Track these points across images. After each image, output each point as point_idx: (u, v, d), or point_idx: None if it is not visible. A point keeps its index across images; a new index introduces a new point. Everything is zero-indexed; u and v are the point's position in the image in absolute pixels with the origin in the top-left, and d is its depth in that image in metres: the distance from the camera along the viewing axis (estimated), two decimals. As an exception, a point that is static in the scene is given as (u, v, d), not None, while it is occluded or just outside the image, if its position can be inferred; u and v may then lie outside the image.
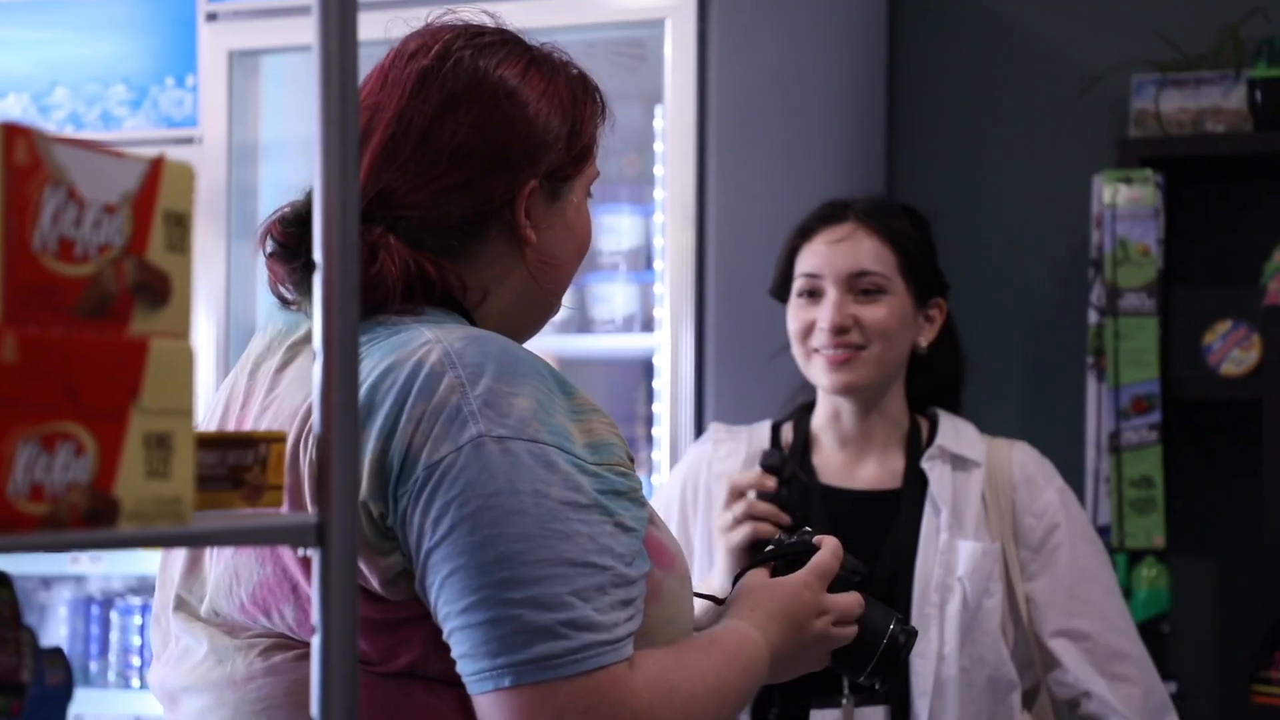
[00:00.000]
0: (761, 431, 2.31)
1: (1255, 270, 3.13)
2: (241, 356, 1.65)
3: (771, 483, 2.04)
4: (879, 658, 1.69)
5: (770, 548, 1.73)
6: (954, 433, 2.24)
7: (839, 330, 2.17)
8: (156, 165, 0.98)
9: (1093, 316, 3.12)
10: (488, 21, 1.59)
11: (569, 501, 1.37)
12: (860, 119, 3.43)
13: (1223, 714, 3.23)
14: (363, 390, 1.38)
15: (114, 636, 3.49)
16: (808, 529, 1.76)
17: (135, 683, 3.46)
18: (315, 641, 1.10)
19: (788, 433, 2.30)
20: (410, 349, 1.40)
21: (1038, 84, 3.45)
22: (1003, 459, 2.22)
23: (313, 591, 1.10)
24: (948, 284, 2.31)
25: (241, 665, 1.48)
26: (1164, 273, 3.09)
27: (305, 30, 1.10)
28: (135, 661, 3.46)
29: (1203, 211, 3.29)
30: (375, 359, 1.41)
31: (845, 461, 2.25)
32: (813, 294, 2.21)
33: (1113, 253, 3.05)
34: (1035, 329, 3.44)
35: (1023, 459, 2.24)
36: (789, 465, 2.06)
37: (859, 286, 2.19)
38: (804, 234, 2.25)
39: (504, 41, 1.57)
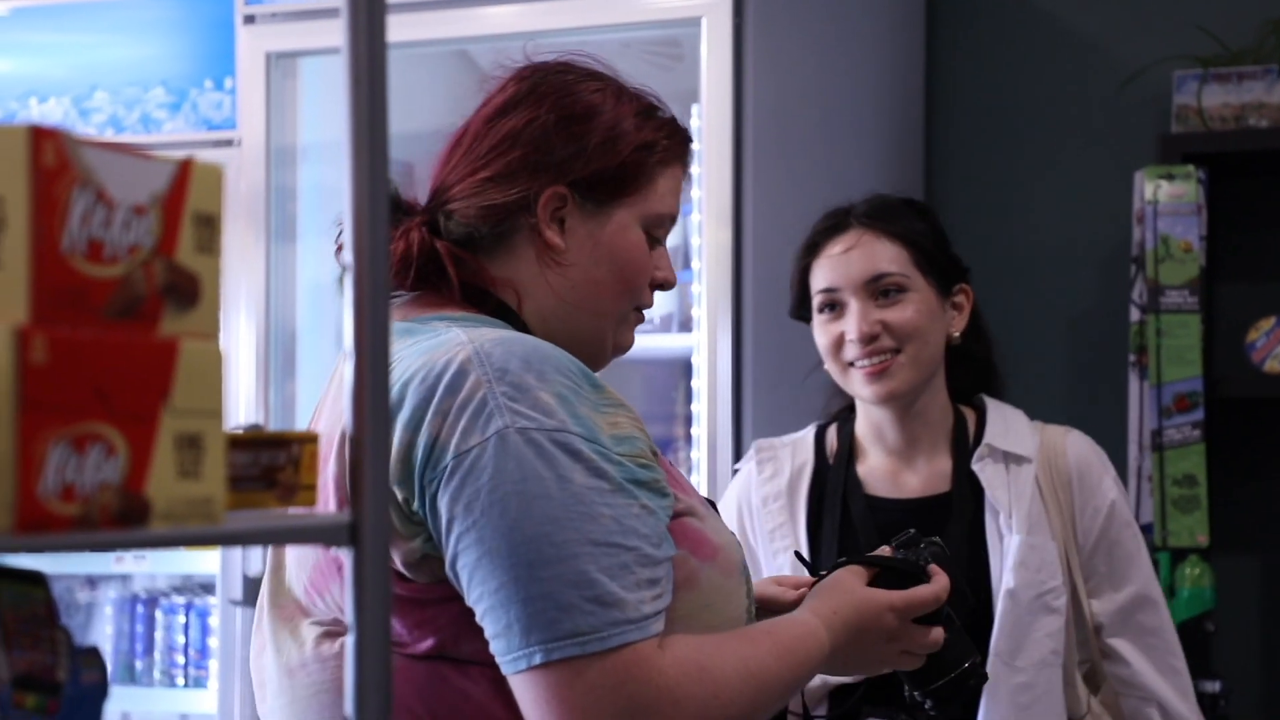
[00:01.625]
0: (805, 443, 2.26)
1: (1299, 266, 3.11)
2: None
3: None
4: (944, 684, 1.72)
5: (885, 551, 1.74)
6: (1003, 425, 2.19)
7: (868, 339, 2.13)
8: (185, 166, 0.98)
9: (1134, 314, 3.10)
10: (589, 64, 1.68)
11: (593, 486, 1.43)
12: (899, 116, 3.42)
13: (1267, 712, 3.20)
14: (394, 388, 1.45)
15: (159, 635, 3.51)
16: (936, 539, 1.76)
17: (180, 681, 3.48)
18: (349, 640, 1.10)
19: (832, 438, 2.26)
20: (442, 350, 1.47)
21: (1078, 80, 3.43)
22: (1057, 450, 2.17)
23: (346, 590, 1.11)
24: (967, 268, 2.25)
25: (295, 655, 1.56)
26: (1206, 269, 3.07)
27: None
28: (180, 660, 3.49)
29: (1246, 207, 3.26)
30: (409, 359, 1.49)
31: (891, 470, 2.21)
32: (834, 307, 2.17)
33: (1155, 249, 3.03)
34: (1077, 327, 3.42)
35: (1078, 449, 2.19)
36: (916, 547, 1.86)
37: (878, 290, 2.14)
38: (811, 250, 2.20)
39: (589, 72, 1.66)
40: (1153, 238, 3.04)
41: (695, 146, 2.90)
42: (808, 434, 2.28)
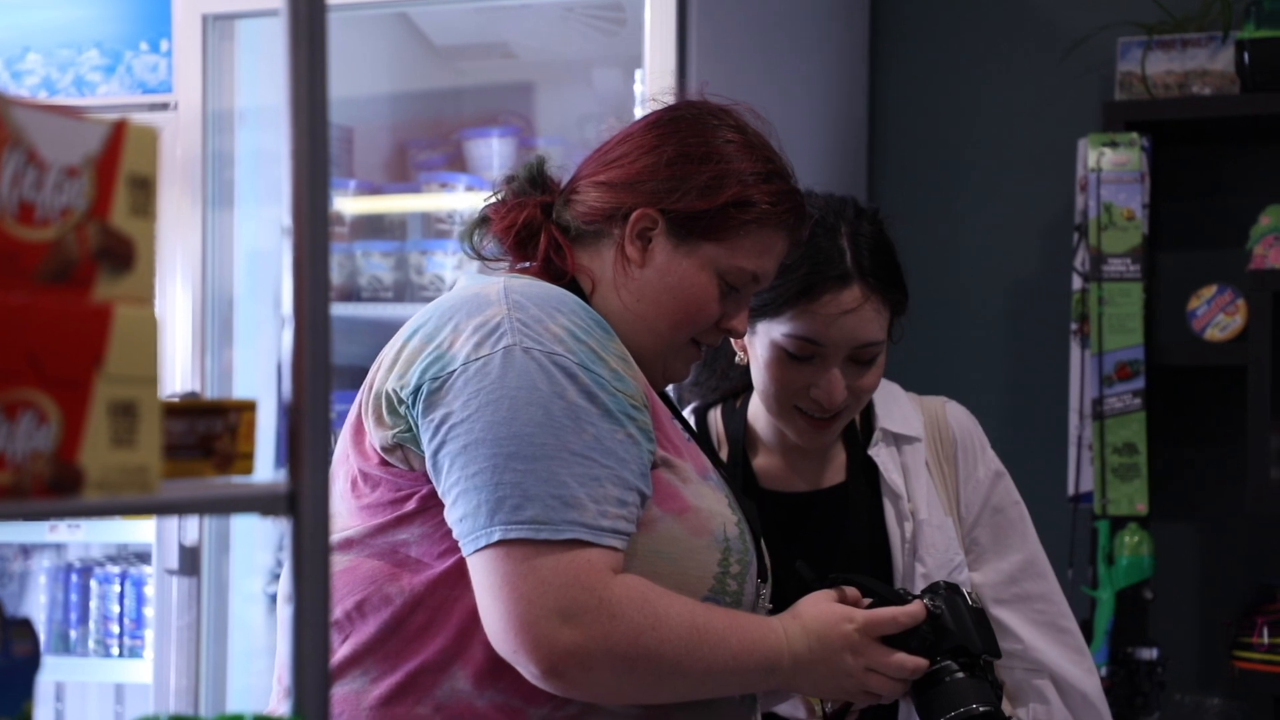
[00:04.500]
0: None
1: (1241, 234, 3.12)
2: None
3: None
4: None
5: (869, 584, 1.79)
6: (888, 405, 2.11)
7: (839, 404, 2.00)
8: (119, 128, 0.96)
9: (1077, 282, 3.11)
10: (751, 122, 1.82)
11: (583, 406, 1.59)
12: (843, 81, 3.41)
13: (1204, 679, 3.23)
14: (428, 308, 1.69)
15: (94, 604, 3.47)
16: (966, 592, 1.82)
17: (115, 650, 3.44)
18: (287, 611, 1.08)
19: (716, 424, 2.14)
20: (479, 286, 1.68)
21: (1023, 47, 3.42)
22: (940, 422, 2.11)
23: (285, 560, 1.09)
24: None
25: None
26: (1149, 238, 3.08)
27: (279, -8, 1.08)
28: (115, 629, 3.45)
29: (1188, 175, 3.28)
30: (455, 292, 1.70)
31: (787, 463, 2.10)
32: (808, 357, 1.98)
33: (1097, 218, 3.04)
34: (1019, 295, 3.42)
35: (959, 419, 2.13)
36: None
37: (858, 356, 1.99)
38: (807, 293, 1.96)
39: (737, 124, 1.78)
40: (1096, 206, 3.04)
41: (639, 112, 2.91)
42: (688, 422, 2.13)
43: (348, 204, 3.41)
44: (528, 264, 1.76)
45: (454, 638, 1.61)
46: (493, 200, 1.81)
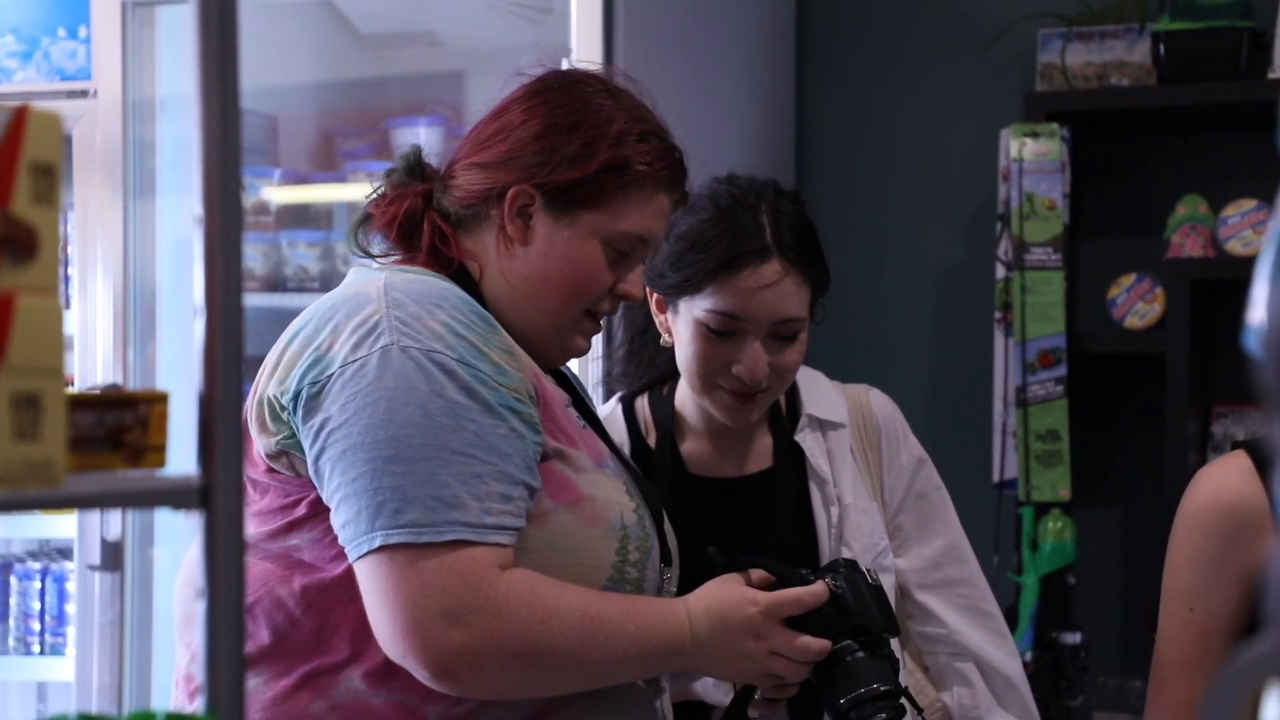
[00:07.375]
0: (615, 420, 2.10)
1: (1159, 223, 3.15)
2: None
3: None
4: (847, 702, 1.74)
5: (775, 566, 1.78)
6: (813, 392, 2.12)
7: (759, 381, 1.99)
8: (20, 113, 0.94)
9: (1000, 271, 3.13)
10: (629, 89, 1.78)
11: (463, 403, 1.56)
12: (769, 71, 3.41)
13: (1127, 663, 3.27)
14: (311, 308, 1.66)
15: (14, 601, 3.42)
16: (866, 570, 1.80)
17: (36, 648, 3.39)
18: (200, 606, 1.07)
19: (643, 412, 2.12)
20: (359, 284, 1.65)
21: (945, 38, 3.44)
22: (864, 409, 2.13)
23: (199, 555, 1.08)
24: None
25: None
26: (1070, 227, 3.10)
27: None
28: (36, 626, 3.40)
29: (1108, 165, 3.31)
30: (338, 291, 1.68)
31: (715, 448, 2.09)
32: (729, 333, 1.97)
33: (1019, 207, 3.06)
34: (943, 284, 3.44)
35: (882, 407, 2.14)
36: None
37: (779, 332, 1.99)
38: (727, 266, 1.96)
39: (608, 88, 1.74)
40: (1018, 195, 3.06)
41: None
42: (615, 410, 2.13)
43: (273, 193, 3.38)
44: (414, 255, 1.73)
45: (349, 640, 1.60)
46: (374, 196, 1.78)
